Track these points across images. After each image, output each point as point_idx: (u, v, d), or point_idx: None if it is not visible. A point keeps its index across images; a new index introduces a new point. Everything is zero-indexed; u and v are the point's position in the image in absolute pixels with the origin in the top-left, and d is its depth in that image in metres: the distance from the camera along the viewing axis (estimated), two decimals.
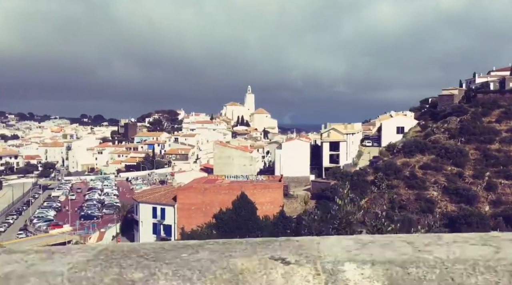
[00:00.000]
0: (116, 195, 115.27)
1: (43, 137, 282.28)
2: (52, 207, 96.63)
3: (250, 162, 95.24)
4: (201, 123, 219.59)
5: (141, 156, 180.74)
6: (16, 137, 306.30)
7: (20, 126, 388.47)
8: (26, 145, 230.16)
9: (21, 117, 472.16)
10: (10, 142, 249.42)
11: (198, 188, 67.05)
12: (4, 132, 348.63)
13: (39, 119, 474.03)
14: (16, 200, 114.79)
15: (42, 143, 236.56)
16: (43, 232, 75.28)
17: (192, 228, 66.02)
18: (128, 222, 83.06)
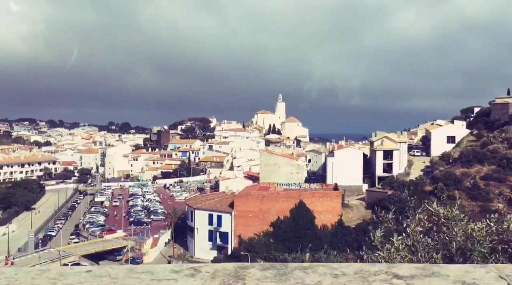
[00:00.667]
0: (159, 201, 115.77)
1: (76, 144, 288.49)
2: (100, 212, 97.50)
3: (297, 170, 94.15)
4: (233, 131, 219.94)
5: (176, 163, 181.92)
6: (49, 144, 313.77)
7: (51, 133, 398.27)
8: (61, 151, 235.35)
9: (52, 124, 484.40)
10: (44, 149, 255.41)
11: (255, 195, 66.38)
12: (37, 138, 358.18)
13: (69, 126, 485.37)
14: (61, 205, 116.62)
15: (77, 150, 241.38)
16: (97, 237, 75.73)
17: (249, 236, 65.31)
18: (179, 228, 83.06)
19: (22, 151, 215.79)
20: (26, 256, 66.25)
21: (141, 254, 69.54)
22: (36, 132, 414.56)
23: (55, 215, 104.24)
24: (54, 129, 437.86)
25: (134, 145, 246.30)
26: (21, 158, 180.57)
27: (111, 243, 71.25)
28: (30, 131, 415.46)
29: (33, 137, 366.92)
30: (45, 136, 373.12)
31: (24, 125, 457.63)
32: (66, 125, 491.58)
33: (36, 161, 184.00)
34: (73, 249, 66.10)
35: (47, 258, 63.22)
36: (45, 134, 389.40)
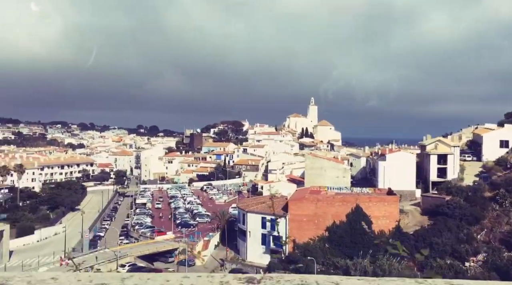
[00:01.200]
0: (200, 204, 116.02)
1: (109, 146, 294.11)
2: (146, 214, 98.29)
3: (343, 174, 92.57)
4: (267, 134, 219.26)
5: (211, 166, 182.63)
6: (82, 146, 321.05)
7: (83, 136, 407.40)
8: (96, 154, 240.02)
9: (83, 127, 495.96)
10: (78, 151, 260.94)
11: (310, 199, 65.31)
12: (70, 141, 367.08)
13: (100, 129, 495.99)
14: (105, 207, 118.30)
15: (111, 152, 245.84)
16: (148, 238, 76.09)
17: (303, 240, 64.22)
18: (226, 231, 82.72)
19: (58, 153, 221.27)
20: (81, 256, 66.94)
21: (193, 257, 69.38)
22: (69, 134, 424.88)
23: (101, 216, 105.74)
24: (86, 132, 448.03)
25: (166, 148, 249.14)
26: (61, 159, 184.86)
27: (163, 244, 71.45)
28: (63, 134, 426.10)
29: (66, 140, 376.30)
30: (77, 139, 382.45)
31: (57, 128, 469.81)
32: (97, 128, 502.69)
33: (74, 163, 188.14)
34: (128, 250, 66.50)
35: (104, 258, 63.79)
36: (78, 137, 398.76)
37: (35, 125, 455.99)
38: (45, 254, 71.98)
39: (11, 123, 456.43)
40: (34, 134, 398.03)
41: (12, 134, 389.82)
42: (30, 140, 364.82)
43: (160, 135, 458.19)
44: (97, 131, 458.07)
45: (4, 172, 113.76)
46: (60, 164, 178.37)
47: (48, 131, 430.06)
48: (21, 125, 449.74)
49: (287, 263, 62.29)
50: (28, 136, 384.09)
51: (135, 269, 61.07)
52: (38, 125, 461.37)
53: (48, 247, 77.24)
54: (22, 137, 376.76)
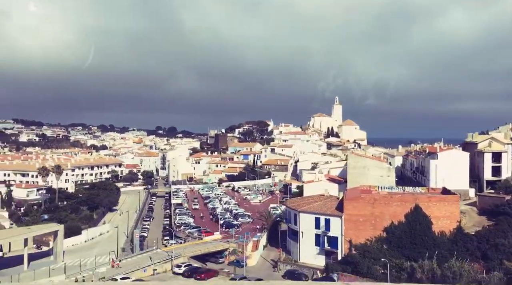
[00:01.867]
0: (237, 204, 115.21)
1: (131, 147, 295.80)
2: (187, 214, 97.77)
3: (388, 173, 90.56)
4: (293, 134, 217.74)
5: (240, 167, 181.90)
6: (105, 147, 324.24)
7: (105, 137, 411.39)
8: (122, 155, 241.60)
9: (103, 129, 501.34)
10: (102, 152, 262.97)
11: (367, 198, 63.68)
12: (92, 142, 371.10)
13: (119, 130, 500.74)
14: (142, 207, 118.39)
15: (137, 153, 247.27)
16: (197, 238, 75.32)
17: (359, 241, 62.63)
18: (272, 231, 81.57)
19: (84, 154, 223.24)
20: (133, 257, 66.61)
21: (244, 257, 68.33)
22: (91, 136, 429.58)
23: (140, 216, 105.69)
24: (106, 133, 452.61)
25: (191, 148, 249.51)
26: (91, 161, 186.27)
27: (214, 245, 70.65)
28: (85, 136, 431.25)
29: (89, 141, 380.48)
30: (99, 140, 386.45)
31: (78, 129, 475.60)
32: (116, 129, 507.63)
33: (103, 164, 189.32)
34: (182, 250, 65.81)
35: (159, 258, 63.24)
36: (99, 138, 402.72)
37: (57, 127, 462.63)
38: (95, 254, 71.82)
39: (35, 126, 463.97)
40: (58, 136, 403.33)
41: (36, 136, 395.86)
42: (54, 142, 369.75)
43: (179, 136, 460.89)
44: (117, 133, 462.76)
45: (44, 173, 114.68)
46: (90, 165, 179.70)
47: (70, 133, 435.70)
48: (44, 127, 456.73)
49: (345, 264, 60.85)
50: (52, 138, 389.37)
51: (191, 269, 60.38)
52: (60, 127, 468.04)
53: (96, 247, 77.22)
54: (46, 139, 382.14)
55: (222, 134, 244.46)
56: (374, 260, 59.13)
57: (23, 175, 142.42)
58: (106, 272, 56.52)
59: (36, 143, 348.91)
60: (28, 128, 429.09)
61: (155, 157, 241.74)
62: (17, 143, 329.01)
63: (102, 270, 56.87)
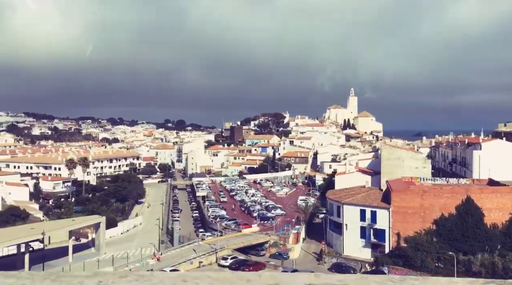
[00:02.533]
0: (263, 196, 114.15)
1: (144, 141, 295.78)
2: (218, 206, 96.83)
3: (423, 164, 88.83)
4: (310, 126, 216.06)
5: (260, 159, 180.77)
6: (117, 140, 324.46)
7: (115, 130, 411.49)
8: (137, 147, 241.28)
9: (113, 122, 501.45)
10: (116, 145, 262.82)
11: (415, 190, 62.25)
12: (104, 135, 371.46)
13: (128, 123, 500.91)
14: (168, 199, 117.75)
15: (153, 146, 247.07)
16: (235, 231, 74.30)
17: (407, 233, 61.28)
18: (310, 223, 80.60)
19: (98, 148, 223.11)
20: (175, 249, 65.77)
21: (286, 250, 67.35)
22: (102, 129, 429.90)
23: (169, 209, 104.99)
24: (116, 127, 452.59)
25: (206, 141, 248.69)
26: (109, 153, 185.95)
27: (255, 237, 69.67)
28: (96, 129, 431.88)
29: (100, 134, 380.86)
30: (110, 134, 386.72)
31: (88, 123, 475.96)
32: (126, 123, 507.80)
33: (122, 157, 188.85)
34: (225, 243, 64.83)
35: (202, 251, 62.34)
36: (110, 132, 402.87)
37: (67, 121, 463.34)
38: (134, 246, 71.14)
39: (46, 119, 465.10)
40: (70, 130, 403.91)
41: (49, 129, 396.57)
42: (66, 135, 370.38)
43: (188, 129, 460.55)
44: (127, 126, 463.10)
45: (71, 165, 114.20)
46: (109, 158, 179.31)
47: (81, 126, 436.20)
48: (56, 120, 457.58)
49: (395, 257, 59.62)
50: (64, 132, 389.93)
51: (238, 262, 59.44)
52: (71, 120, 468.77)
53: (134, 240, 76.53)
54: (58, 132, 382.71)
55: (237, 127, 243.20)
56: (426, 253, 57.87)
57: (45, 167, 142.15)
58: (155, 264, 55.69)
59: (48, 136, 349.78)
60: (40, 121, 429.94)
61: (170, 150, 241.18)
62: (30, 137, 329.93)
63: (152, 262, 56.03)
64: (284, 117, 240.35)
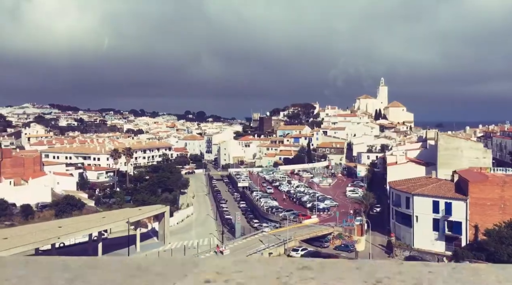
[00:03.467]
0: (308, 187, 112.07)
1: (169, 132, 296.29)
2: (268, 197, 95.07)
3: (484, 155, 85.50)
4: (343, 116, 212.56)
5: (294, 150, 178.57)
6: (141, 132, 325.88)
7: (138, 122, 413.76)
8: (165, 138, 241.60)
9: (135, 114, 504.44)
10: (142, 136, 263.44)
11: (495, 181, 59.26)
12: (128, 126, 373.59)
13: (149, 115, 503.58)
14: (213, 190, 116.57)
15: (182, 137, 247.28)
16: (295, 222, 72.35)
17: (486, 226, 58.37)
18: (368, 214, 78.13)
19: (125, 139, 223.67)
20: (244, 239, 64.13)
21: (352, 241, 65.20)
22: (125, 120, 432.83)
23: (216, 199, 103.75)
24: (139, 118, 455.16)
25: (235, 132, 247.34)
26: (143, 144, 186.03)
27: (319, 228, 67.73)
28: (119, 120, 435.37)
29: (125, 126, 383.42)
30: (133, 125, 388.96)
31: (110, 114, 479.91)
32: (147, 114, 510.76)
33: (154, 147, 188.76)
34: (290, 234, 62.97)
35: (270, 242, 60.62)
36: (133, 123, 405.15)
37: (91, 112, 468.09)
38: (193, 237, 69.96)
39: (71, 110, 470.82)
40: (95, 121, 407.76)
41: (75, 120, 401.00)
42: (92, 126, 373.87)
43: (209, 120, 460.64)
44: (148, 117, 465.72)
45: (116, 155, 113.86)
46: (143, 148, 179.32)
47: (105, 118, 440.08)
48: (80, 112, 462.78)
49: (475, 250, 56.93)
50: (90, 123, 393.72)
51: (311, 253, 57.60)
52: (94, 112, 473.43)
53: (191, 230, 75.38)
54: (84, 123, 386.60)
55: (266, 117, 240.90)
56: (507, 246, 55.02)
57: (84, 158, 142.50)
58: (225, 255, 54.16)
59: (75, 127, 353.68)
60: (65, 113, 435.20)
61: (199, 141, 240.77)
62: (58, 128, 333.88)
63: (227, 252, 54.55)
64: (314, 108, 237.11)
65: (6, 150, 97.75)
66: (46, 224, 54.83)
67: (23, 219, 72.46)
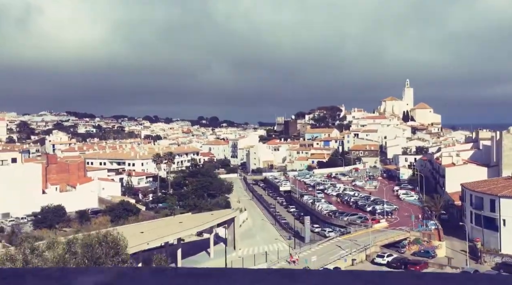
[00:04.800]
0: (355, 190, 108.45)
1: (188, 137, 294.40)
2: (322, 201, 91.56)
3: None
4: (371, 119, 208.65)
5: (323, 153, 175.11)
6: (159, 138, 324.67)
7: (154, 128, 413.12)
8: (188, 144, 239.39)
9: (149, 120, 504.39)
10: (161, 142, 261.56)
11: None
12: (145, 133, 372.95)
13: (163, 121, 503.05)
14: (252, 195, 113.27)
15: (206, 142, 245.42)
16: (364, 227, 68.68)
17: None
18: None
19: (147, 145, 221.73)
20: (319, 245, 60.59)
21: (432, 247, 61.41)
22: (142, 127, 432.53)
23: (263, 204, 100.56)
24: (154, 124, 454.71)
25: (260, 136, 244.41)
26: (172, 149, 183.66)
27: (396, 233, 64.07)
28: (137, 126, 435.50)
29: (142, 132, 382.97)
30: (150, 131, 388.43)
31: (125, 121, 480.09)
32: (161, 120, 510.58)
33: (183, 152, 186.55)
34: (372, 239, 59.33)
35: (351, 248, 57.07)
36: (149, 129, 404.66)
37: (108, 119, 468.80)
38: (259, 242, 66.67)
39: (87, 117, 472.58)
40: (113, 127, 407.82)
41: (93, 127, 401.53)
42: (110, 132, 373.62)
43: (223, 125, 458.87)
44: (164, 123, 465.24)
45: (158, 160, 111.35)
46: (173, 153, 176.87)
47: (122, 124, 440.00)
48: (97, 119, 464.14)
49: None
50: (108, 129, 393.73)
51: (399, 260, 53.93)
52: (111, 119, 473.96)
53: (255, 235, 72.06)
54: (103, 130, 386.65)
55: (292, 121, 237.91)
56: None
57: (118, 163, 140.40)
58: (312, 262, 50.74)
59: (93, 134, 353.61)
60: (83, 120, 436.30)
61: (223, 146, 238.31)
62: (77, 135, 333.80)
63: (313, 259, 51.14)
64: (340, 110, 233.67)
65: (52, 156, 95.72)
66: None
67: (80, 224, 69.95)
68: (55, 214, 67.55)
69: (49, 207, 67.21)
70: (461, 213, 71.92)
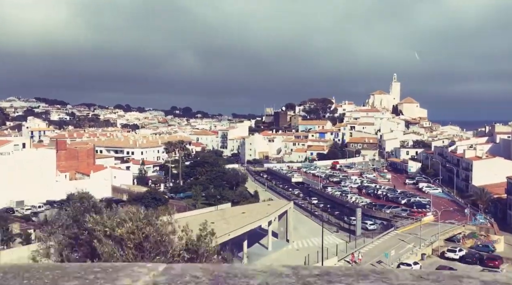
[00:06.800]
0: (371, 182, 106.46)
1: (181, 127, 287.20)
2: (351, 193, 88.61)
3: None
4: (364, 112, 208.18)
5: (322, 145, 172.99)
6: (137, 127, 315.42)
7: (129, 117, 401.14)
8: (173, 133, 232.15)
9: (122, 109, 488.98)
10: (141, 131, 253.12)
11: None
12: (121, 121, 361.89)
13: (135, 110, 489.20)
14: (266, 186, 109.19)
15: (193, 132, 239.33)
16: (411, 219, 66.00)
17: None
18: None
19: (126, 133, 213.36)
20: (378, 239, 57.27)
21: (490, 241, 59.41)
22: (117, 115, 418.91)
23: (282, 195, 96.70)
24: (129, 113, 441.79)
25: (248, 127, 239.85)
26: (165, 138, 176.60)
27: (451, 227, 61.61)
28: (111, 114, 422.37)
29: (118, 120, 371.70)
30: (124, 120, 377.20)
31: (98, 108, 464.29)
32: (133, 109, 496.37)
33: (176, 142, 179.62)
34: (434, 233, 56.58)
35: (412, 242, 54.10)
36: (124, 118, 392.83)
37: (81, 107, 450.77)
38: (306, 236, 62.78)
39: (58, 104, 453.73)
40: (87, 116, 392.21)
41: (66, 114, 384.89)
42: (85, 120, 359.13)
43: (198, 116, 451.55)
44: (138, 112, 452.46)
45: (171, 148, 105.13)
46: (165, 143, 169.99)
47: (95, 112, 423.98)
48: (69, 106, 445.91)
49: None
50: (83, 117, 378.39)
51: (473, 254, 51.36)
52: (83, 106, 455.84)
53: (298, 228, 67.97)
54: (77, 118, 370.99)
55: (282, 112, 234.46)
56: None
57: (116, 152, 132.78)
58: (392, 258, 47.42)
59: (68, 122, 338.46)
60: (53, 106, 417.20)
61: (211, 136, 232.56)
62: (52, 123, 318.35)
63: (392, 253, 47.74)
64: (332, 103, 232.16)
65: (61, 142, 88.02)
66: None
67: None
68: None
69: (78, 194, 60.66)
70: (506, 206, 70.59)
